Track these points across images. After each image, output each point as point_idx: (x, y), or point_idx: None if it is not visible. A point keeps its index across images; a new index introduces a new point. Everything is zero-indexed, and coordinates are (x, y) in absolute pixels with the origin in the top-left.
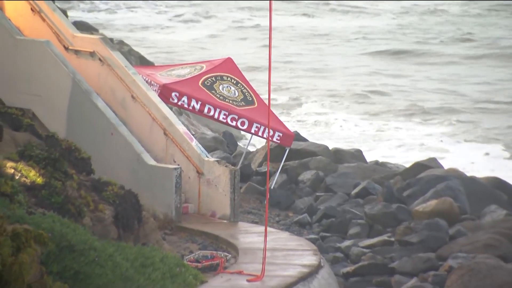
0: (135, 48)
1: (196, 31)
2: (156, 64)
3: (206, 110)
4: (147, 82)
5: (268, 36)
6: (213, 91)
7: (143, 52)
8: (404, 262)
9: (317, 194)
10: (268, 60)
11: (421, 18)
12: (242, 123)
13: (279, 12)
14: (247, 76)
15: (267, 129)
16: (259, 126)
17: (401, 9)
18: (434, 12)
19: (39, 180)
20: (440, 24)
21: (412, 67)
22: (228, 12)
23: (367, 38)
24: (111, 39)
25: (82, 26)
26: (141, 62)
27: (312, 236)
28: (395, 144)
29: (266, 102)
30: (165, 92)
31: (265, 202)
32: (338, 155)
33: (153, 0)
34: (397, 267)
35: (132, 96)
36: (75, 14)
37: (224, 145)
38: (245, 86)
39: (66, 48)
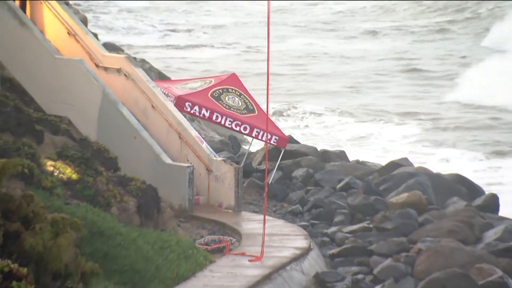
0: (154, 65)
1: (208, 51)
2: (172, 79)
3: (214, 117)
4: (164, 94)
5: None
6: (220, 101)
7: (161, 68)
8: (380, 245)
9: (308, 188)
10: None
11: None
12: (245, 128)
13: None
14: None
15: (265, 133)
16: (259, 131)
17: None
18: None
19: (74, 176)
20: None
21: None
22: (241, 38)
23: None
24: (134, 58)
25: (110, 47)
26: (160, 77)
27: (303, 223)
28: (373, 147)
29: (265, 110)
30: (180, 102)
31: (264, 194)
32: (325, 155)
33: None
34: (374, 249)
35: (152, 106)
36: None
37: (230, 146)
38: (247, 97)
39: (97, 66)
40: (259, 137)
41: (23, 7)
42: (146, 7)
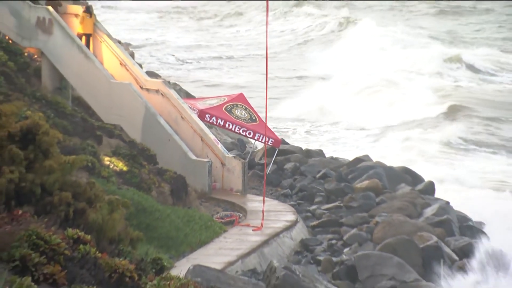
0: (183, 87)
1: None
2: (196, 97)
3: (227, 125)
4: (190, 108)
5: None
6: (231, 113)
7: (188, 88)
8: (348, 218)
9: (295, 177)
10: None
11: None
12: (249, 133)
13: None
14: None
15: (264, 137)
16: (259, 135)
17: None
18: None
19: (125, 168)
20: None
21: None
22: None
23: None
24: (168, 81)
25: (150, 74)
26: (187, 95)
27: (292, 203)
28: (344, 146)
29: (263, 119)
30: (201, 114)
31: (263, 182)
32: (308, 153)
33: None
34: (344, 222)
35: (181, 117)
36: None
37: (238, 147)
38: (251, 110)
39: (141, 87)
40: (260, 140)
41: (87, 44)
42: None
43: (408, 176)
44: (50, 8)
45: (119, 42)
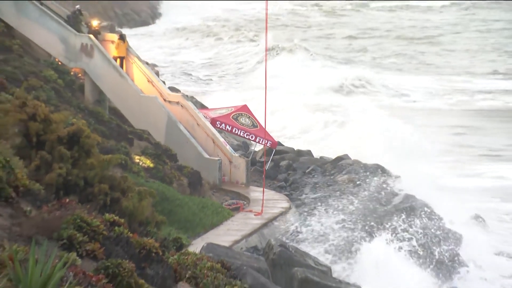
0: (198, 99)
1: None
2: (209, 107)
3: (233, 130)
4: (204, 116)
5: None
6: (237, 121)
7: (202, 100)
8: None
9: (289, 172)
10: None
11: None
12: (252, 137)
13: None
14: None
15: (264, 140)
16: (260, 138)
17: None
18: None
19: (151, 165)
20: None
21: None
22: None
23: None
24: (186, 95)
25: (172, 89)
26: (201, 106)
27: (286, 193)
28: (327, 147)
29: (263, 126)
30: (213, 121)
31: (263, 176)
32: (299, 152)
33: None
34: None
35: (197, 124)
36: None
37: (243, 148)
38: (253, 118)
39: (164, 100)
40: (260, 142)
41: (121, 65)
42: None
43: (378, 169)
44: (91, 36)
45: (147, 63)
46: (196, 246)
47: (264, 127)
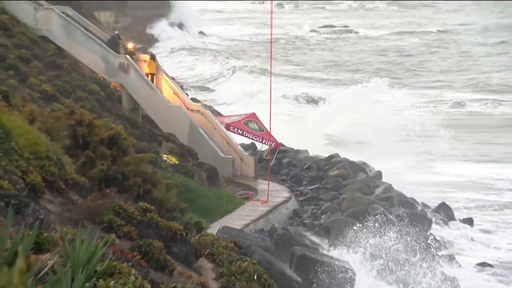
0: (215, 108)
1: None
2: (224, 115)
3: (244, 134)
4: (220, 122)
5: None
6: (247, 126)
7: (218, 109)
8: (325, 195)
9: (289, 168)
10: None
11: None
12: (259, 139)
13: None
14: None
15: (269, 141)
16: (266, 140)
17: None
18: None
19: (176, 162)
20: None
21: None
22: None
23: None
24: (205, 104)
25: (193, 99)
26: (218, 113)
27: (287, 185)
28: (322, 146)
29: (269, 130)
30: (227, 126)
31: (268, 171)
32: (298, 152)
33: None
34: (322, 198)
35: (214, 128)
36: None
37: (252, 148)
38: (260, 124)
39: (187, 108)
40: (266, 143)
41: (152, 80)
42: None
43: (365, 168)
44: (127, 56)
45: (173, 78)
46: (213, 229)
47: (269, 131)
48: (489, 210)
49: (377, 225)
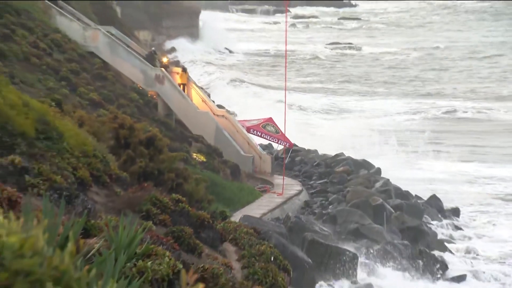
0: (237, 112)
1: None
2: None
3: (262, 135)
4: (241, 126)
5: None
6: (265, 129)
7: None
8: (332, 188)
9: (301, 165)
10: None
11: None
12: (275, 140)
13: None
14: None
15: (284, 142)
16: (281, 141)
17: None
18: None
19: (204, 159)
20: None
21: None
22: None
23: None
24: (228, 110)
25: (219, 106)
26: (237, 118)
27: (299, 180)
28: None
29: (283, 132)
30: (248, 129)
31: (283, 167)
32: (309, 151)
33: None
34: (329, 190)
35: (237, 131)
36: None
37: (269, 148)
38: (276, 127)
39: (214, 114)
40: (281, 144)
41: (183, 89)
42: None
43: (366, 164)
44: (162, 69)
45: (201, 87)
46: (235, 217)
47: (284, 133)
48: (471, 198)
49: None
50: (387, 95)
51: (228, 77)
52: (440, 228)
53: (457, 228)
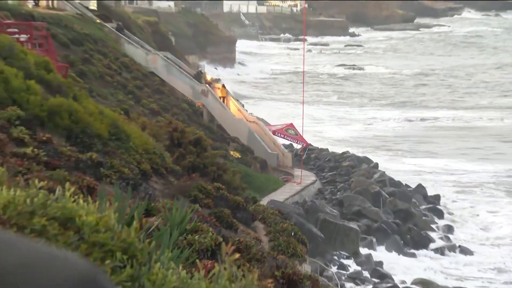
0: (266, 119)
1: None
2: (271, 124)
3: (285, 137)
4: (269, 129)
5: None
6: (287, 132)
7: (268, 120)
8: (340, 179)
9: (315, 160)
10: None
11: None
12: (295, 141)
13: None
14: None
15: (301, 142)
16: (300, 142)
17: None
18: None
19: (239, 156)
20: None
21: None
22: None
23: None
24: (259, 117)
25: (250, 114)
26: (267, 123)
27: (314, 172)
28: (340, 145)
29: (301, 134)
30: (273, 132)
31: (301, 162)
32: (322, 150)
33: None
34: (338, 180)
35: (265, 133)
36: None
37: (290, 147)
38: (296, 130)
39: (247, 120)
40: (299, 144)
41: (223, 101)
42: None
43: (367, 160)
44: (207, 85)
45: (237, 100)
46: (264, 201)
47: (302, 135)
48: (449, 187)
49: None
50: (384, 106)
51: (258, 91)
52: (424, 211)
53: (438, 210)
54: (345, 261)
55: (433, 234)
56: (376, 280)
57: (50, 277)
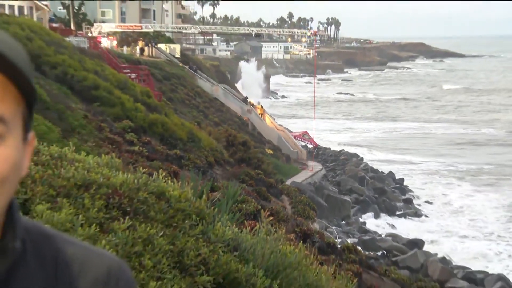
0: (290, 128)
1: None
2: (293, 131)
3: (302, 140)
4: (291, 135)
5: None
6: (303, 136)
7: (291, 127)
8: (338, 168)
9: (322, 155)
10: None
11: None
12: (308, 143)
13: None
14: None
15: (313, 144)
16: (311, 143)
17: None
18: None
19: (272, 152)
20: None
21: None
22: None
23: None
24: (286, 127)
25: (280, 125)
26: (290, 131)
27: (321, 163)
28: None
29: (313, 138)
30: (294, 137)
31: (312, 157)
32: (326, 148)
33: None
34: (337, 169)
35: (288, 137)
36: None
37: (305, 147)
38: (309, 135)
39: (277, 129)
40: (311, 144)
41: (261, 116)
42: None
43: (356, 155)
44: (250, 106)
45: (271, 115)
46: (288, 182)
47: (313, 139)
48: (416, 174)
49: None
50: (368, 119)
51: (285, 110)
52: (393, 189)
53: (402, 188)
54: (341, 222)
55: (399, 204)
56: (361, 234)
57: (93, 268)
